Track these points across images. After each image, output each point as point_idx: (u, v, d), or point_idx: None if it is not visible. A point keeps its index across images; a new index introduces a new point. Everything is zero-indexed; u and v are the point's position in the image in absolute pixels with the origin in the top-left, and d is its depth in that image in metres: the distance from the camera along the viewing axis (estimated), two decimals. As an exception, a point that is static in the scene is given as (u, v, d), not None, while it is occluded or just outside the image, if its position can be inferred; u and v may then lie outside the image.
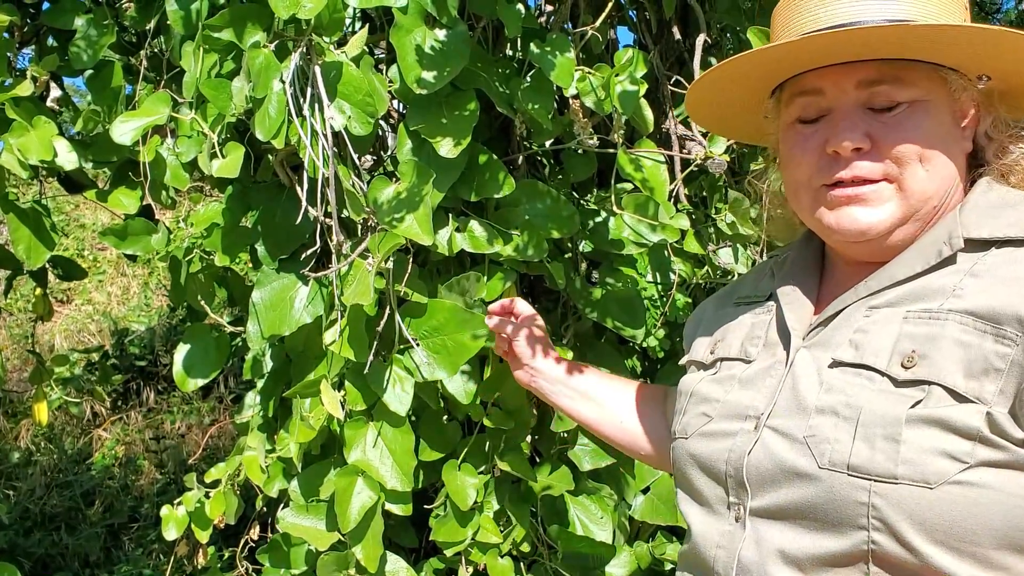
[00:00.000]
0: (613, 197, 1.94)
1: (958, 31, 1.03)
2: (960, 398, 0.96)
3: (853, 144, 1.06)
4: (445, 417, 1.97)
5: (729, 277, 2.20)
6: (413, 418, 1.81)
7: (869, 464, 0.96)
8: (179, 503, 2.06)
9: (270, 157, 1.89)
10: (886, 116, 1.07)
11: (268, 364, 2.07)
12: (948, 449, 0.94)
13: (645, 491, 2.12)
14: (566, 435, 2.06)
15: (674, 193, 2.00)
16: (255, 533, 2.22)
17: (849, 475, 0.97)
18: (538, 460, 2.09)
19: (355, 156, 1.71)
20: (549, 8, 2.09)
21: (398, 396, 1.73)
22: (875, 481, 0.96)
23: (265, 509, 2.19)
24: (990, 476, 0.94)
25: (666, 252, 2.12)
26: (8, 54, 2.01)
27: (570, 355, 1.95)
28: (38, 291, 2.47)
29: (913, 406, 0.96)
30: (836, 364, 1.05)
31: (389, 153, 1.99)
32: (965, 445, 0.94)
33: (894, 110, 1.07)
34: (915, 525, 0.94)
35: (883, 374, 1.00)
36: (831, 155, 1.08)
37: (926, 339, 1.00)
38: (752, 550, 1.04)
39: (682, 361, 1.34)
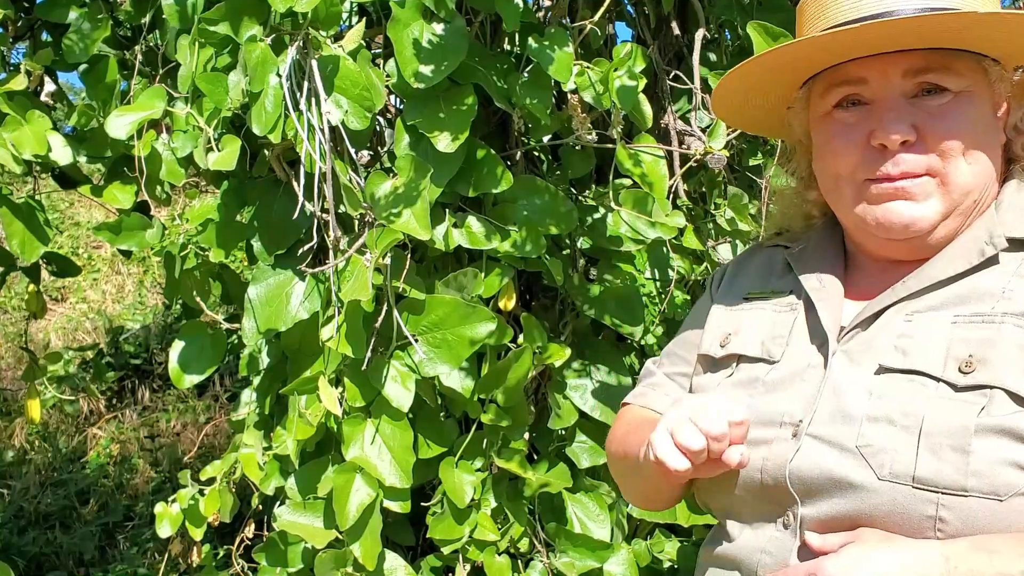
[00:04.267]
0: (611, 193, 1.93)
1: (1019, 19, 1.00)
2: None
3: (901, 137, 1.02)
4: (442, 414, 1.96)
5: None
6: (410, 415, 1.80)
7: (937, 476, 0.93)
8: (173, 500, 2.04)
9: (266, 152, 1.88)
10: (932, 106, 1.04)
11: (264, 361, 2.06)
12: (1018, 459, 0.92)
13: (643, 489, 2.11)
14: (564, 432, 2.05)
15: (673, 189, 1.99)
16: (251, 531, 2.21)
17: (915, 487, 0.94)
18: (536, 457, 2.08)
19: (352, 151, 1.70)
20: (547, 3, 2.07)
21: (400, 392, 1.72)
22: (943, 494, 0.93)
23: (261, 507, 2.17)
24: None
25: (665, 248, 2.11)
26: (2, 48, 2.00)
27: (568, 352, 1.94)
28: (31, 288, 2.45)
29: (979, 414, 0.93)
30: (884, 370, 1.01)
31: (386, 148, 1.98)
32: None
33: (940, 99, 1.04)
34: None
35: (939, 380, 0.97)
36: (877, 148, 1.05)
37: (983, 343, 0.97)
38: (809, 559, 1.00)
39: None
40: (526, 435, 2.01)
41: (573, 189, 2.10)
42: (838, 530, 0.99)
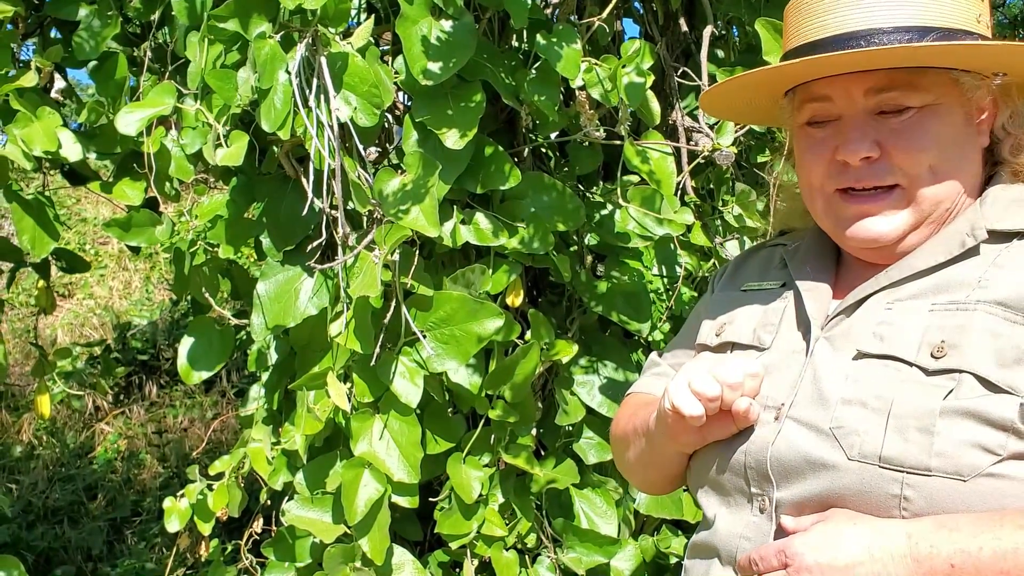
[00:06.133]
0: (619, 190, 1.93)
1: (968, 50, 1.03)
2: (993, 387, 0.95)
3: (861, 154, 1.06)
4: (450, 410, 1.96)
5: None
6: (418, 411, 1.81)
7: (902, 456, 0.96)
8: (182, 495, 2.05)
9: (275, 149, 1.88)
10: (895, 122, 1.06)
11: (273, 357, 2.07)
12: (982, 441, 0.94)
13: (650, 485, 2.12)
14: (571, 428, 2.05)
15: (681, 185, 1.99)
16: (259, 526, 2.21)
17: (881, 467, 0.97)
18: (543, 453, 2.08)
19: (361, 148, 1.71)
20: (555, -1, 2.08)
21: (408, 388, 1.73)
22: (908, 473, 0.95)
23: (269, 502, 2.18)
24: (1020, 469, 0.94)
25: (672, 245, 2.11)
26: (12, 45, 2.00)
27: (575, 349, 1.95)
28: (41, 284, 2.46)
29: (946, 397, 0.96)
30: (861, 355, 1.04)
31: (394, 145, 1.98)
32: (999, 437, 0.94)
33: (903, 115, 1.06)
34: None
35: (912, 364, 1.00)
36: (841, 163, 1.09)
37: (955, 329, 0.99)
38: None
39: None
40: (533, 431, 2.02)
41: (580, 186, 2.10)
42: (812, 512, 1.02)
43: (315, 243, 1.75)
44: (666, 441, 1.18)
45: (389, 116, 2.01)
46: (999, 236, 1.06)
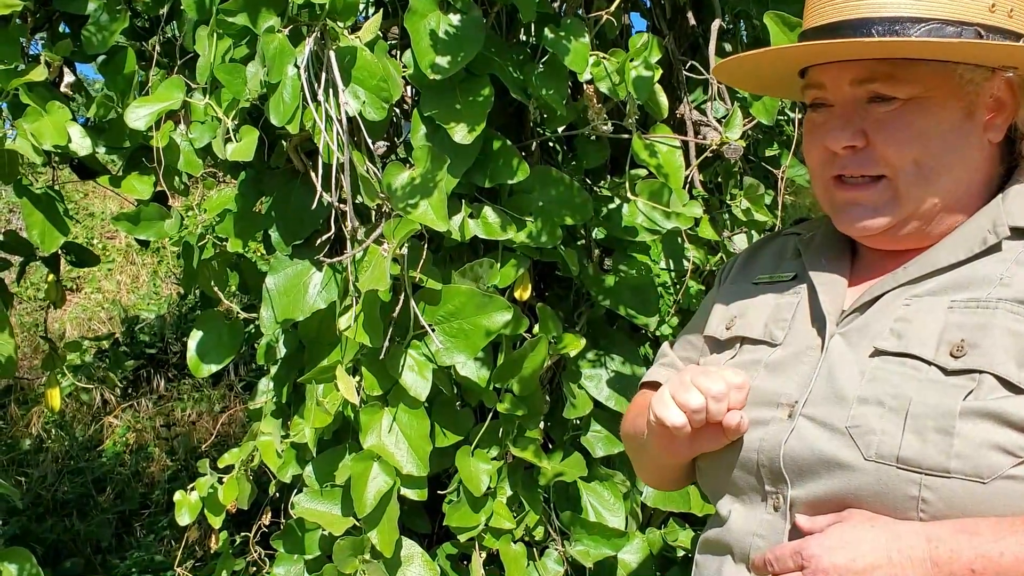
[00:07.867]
0: (627, 183, 1.93)
1: (941, 46, 1.00)
2: (1014, 388, 0.94)
3: (843, 143, 1.06)
4: (458, 403, 1.97)
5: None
6: (427, 404, 1.81)
7: (920, 457, 0.94)
8: (192, 488, 2.06)
9: (284, 143, 1.89)
10: (881, 112, 1.05)
11: (281, 350, 2.08)
12: (1002, 443, 0.93)
13: (657, 478, 2.12)
14: (579, 422, 2.06)
15: (689, 179, 1.99)
16: (268, 519, 2.23)
17: (898, 468, 0.95)
18: (551, 446, 2.09)
19: (369, 142, 1.71)
20: (563, -7, 2.07)
21: (417, 381, 1.73)
22: (926, 475, 0.94)
23: (278, 495, 2.19)
24: None
25: (680, 239, 2.11)
26: (21, 40, 2.01)
27: (583, 343, 1.95)
28: (51, 277, 2.47)
29: (965, 397, 0.95)
30: (878, 353, 1.03)
31: (403, 139, 1.99)
32: (1020, 439, 0.93)
33: (890, 105, 1.05)
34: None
35: (931, 363, 0.98)
36: (830, 150, 1.09)
37: (975, 328, 0.98)
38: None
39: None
40: (541, 424, 2.03)
41: (588, 180, 2.10)
42: (827, 511, 1.01)
43: (324, 237, 1.75)
44: (658, 451, 1.18)
45: (397, 110, 2.01)
46: (1022, 233, 1.05)
